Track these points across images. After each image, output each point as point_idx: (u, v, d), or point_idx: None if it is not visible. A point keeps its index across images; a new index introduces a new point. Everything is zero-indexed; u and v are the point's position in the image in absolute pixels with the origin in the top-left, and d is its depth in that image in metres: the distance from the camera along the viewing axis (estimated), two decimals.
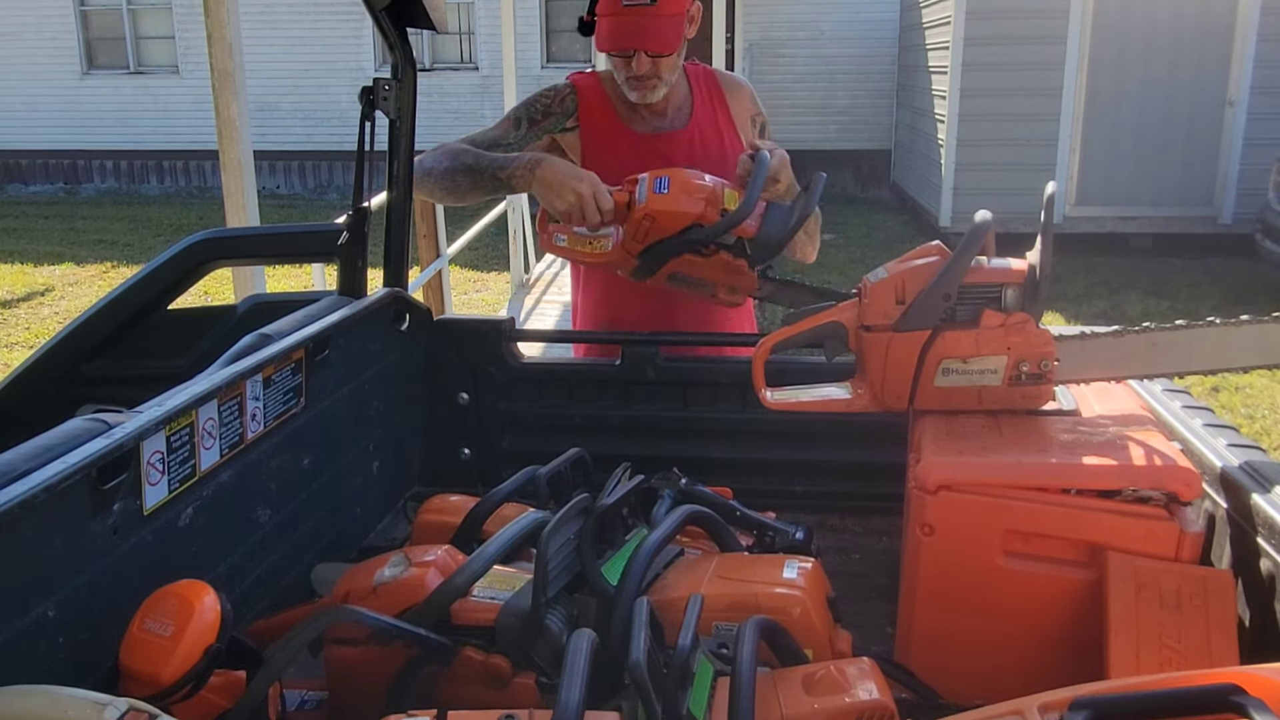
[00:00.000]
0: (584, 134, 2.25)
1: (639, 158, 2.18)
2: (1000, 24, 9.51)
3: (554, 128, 2.26)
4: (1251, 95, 9.38)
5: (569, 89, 2.27)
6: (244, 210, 3.88)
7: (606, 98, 2.27)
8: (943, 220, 9.97)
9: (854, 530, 2.11)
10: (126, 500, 1.33)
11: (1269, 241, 7.97)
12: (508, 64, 7.94)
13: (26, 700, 0.96)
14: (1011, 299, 1.55)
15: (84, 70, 14.94)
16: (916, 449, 1.54)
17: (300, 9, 14.39)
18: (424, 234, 6.20)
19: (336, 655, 1.37)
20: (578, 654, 1.03)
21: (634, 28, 2.07)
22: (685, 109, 2.29)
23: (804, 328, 1.69)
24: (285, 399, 1.75)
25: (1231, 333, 1.53)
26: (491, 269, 9.70)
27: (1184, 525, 1.37)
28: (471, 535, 1.64)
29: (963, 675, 1.44)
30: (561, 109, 2.25)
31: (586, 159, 2.24)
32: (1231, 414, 5.80)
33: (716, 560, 1.47)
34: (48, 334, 7.51)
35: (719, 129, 2.29)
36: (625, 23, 2.07)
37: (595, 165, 2.13)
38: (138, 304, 2.11)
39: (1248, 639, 1.33)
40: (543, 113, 2.25)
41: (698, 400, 2.21)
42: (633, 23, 2.07)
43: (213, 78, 3.81)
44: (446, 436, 2.31)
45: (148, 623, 1.19)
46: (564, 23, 14.61)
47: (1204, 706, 0.90)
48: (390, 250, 2.20)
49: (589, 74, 2.33)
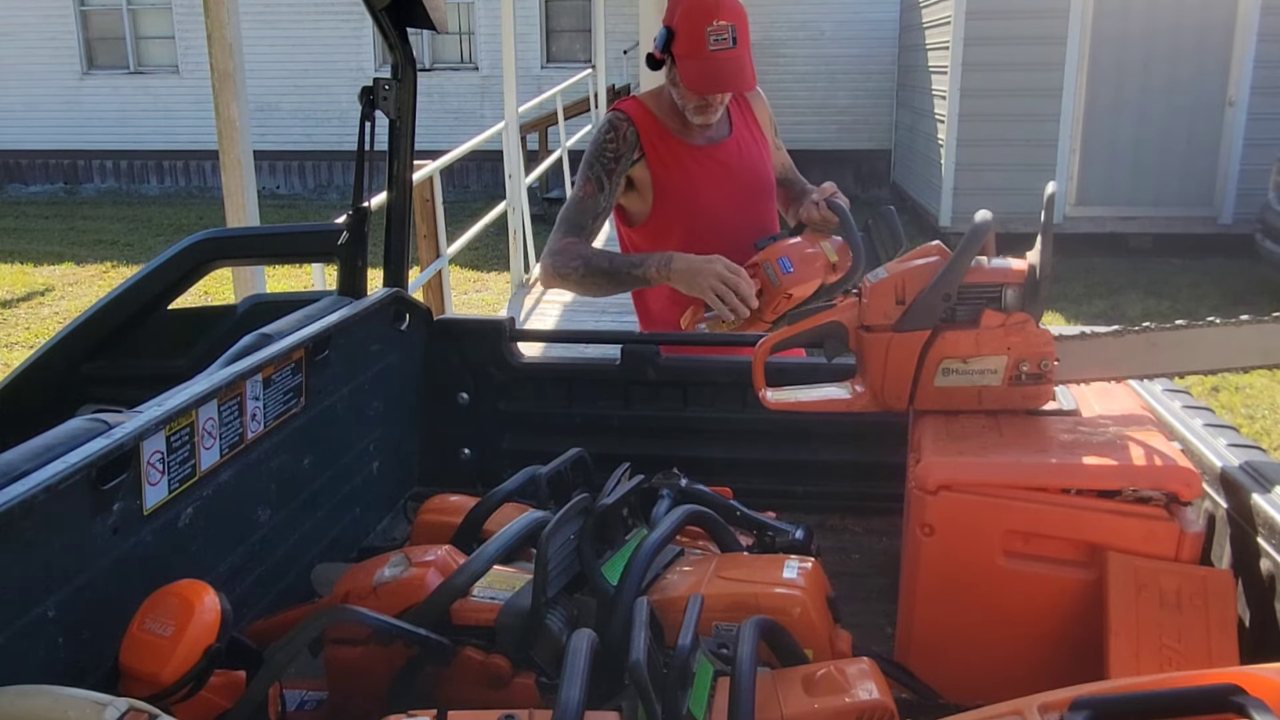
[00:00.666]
0: (651, 162, 2.36)
1: (703, 169, 2.37)
2: (1000, 24, 9.52)
3: (625, 168, 2.36)
4: (1251, 95, 9.38)
5: (627, 124, 2.35)
6: (244, 210, 3.88)
7: (657, 120, 2.38)
8: (943, 220, 9.98)
9: (854, 530, 2.11)
10: (126, 500, 1.33)
11: (1269, 241, 7.97)
12: (508, 64, 7.94)
13: (26, 700, 0.96)
14: (1011, 299, 1.55)
15: (84, 70, 14.95)
16: (916, 449, 1.54)
17: (300, 9, 14.40)
18: (424, 234, 6.20)
19: (336, 655, 1.37)
20: (578, 654, 1.03)
21: (725, 71, 2.23)
22: (724, 119, 2.43)
23: (804, 328, 1.69)
24: (285, 399, 1.75)
25: (1231, 333, 1.53)
26: (491, 269, 9.70)
27: (1184, 525, 1.37)
28: (471, 535, 1.64)
29: (963, 675, 1.44)
30: (627, 147, 2.35)
31: (657, 183, 2.36)
32: (1231, 414, 5.80)
33: (716, 560, 1.47)
34: (48, 334, 7.51)
35: (753, 134, 2.48)
36: (715, 66, 2.23)
37: (667, 186, 2.34)
38: (138, 304, 2.11)
39: (1248, 639, 1.33)
40: (614, 160, 2.35)
41: (698, 400, 2.21)
42: (722, 65, 2.23)
43: (213, 78, 3.82)
44: (446, 436, 2.31)
45: (148, 623, 1.19)
46: (564, 23, 14.62)
47: (1204, 706, 0.90)
48: (390, 250, 2.21)
49: (633, 101, 2.43)
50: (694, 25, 2.22)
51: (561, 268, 2.32)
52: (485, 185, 14.23)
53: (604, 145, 2.35)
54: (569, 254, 2.32)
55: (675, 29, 2.25)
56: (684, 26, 2.23)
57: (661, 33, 2.28)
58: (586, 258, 2.31)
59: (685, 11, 2.24)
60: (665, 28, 2.28)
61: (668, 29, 2.27)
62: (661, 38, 2.28)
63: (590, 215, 2.35)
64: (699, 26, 2.21)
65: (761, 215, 2.46)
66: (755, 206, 2.45)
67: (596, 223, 2.37)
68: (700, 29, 2.21)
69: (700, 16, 2.22)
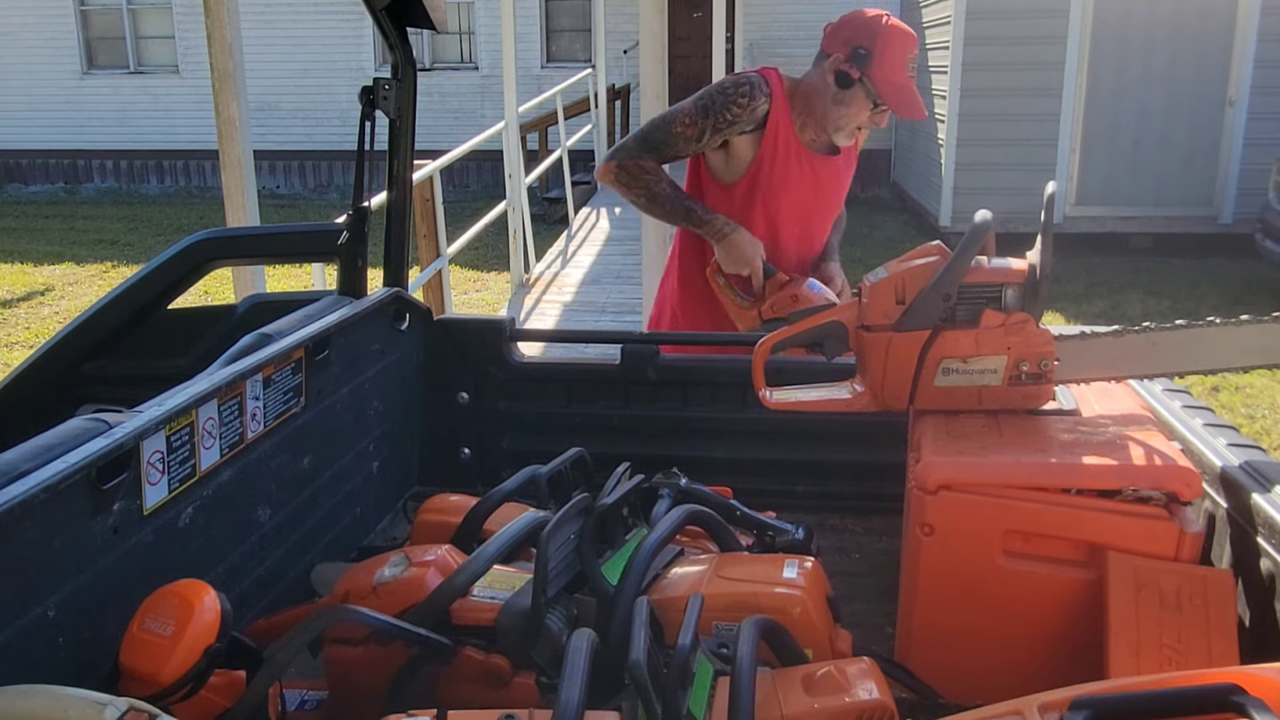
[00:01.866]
0: (764, 144, 2.34)
1: (802, 174, 2.39)
2: (1000, 24, 9.51)
3: (734, 133, 2.34)
4: (1251, 95, 9.38)
5: (765, 101, 2.32)
6: (244, 210, 3.89)
7: (789, 110, 2.36)
8: (943, 220, 9.97)
9: (854, 530, 2.11)
10: (126, 500, 1.33)
11: (1269, 241, 7.97)
12: (508, 64, 7.93)
13: (26, 700, 0.96)
14: (1011, 299, 1.55)
15: (84, 70, 14.94)
16: (916, 449, 1.54)
17: (300, 9, 14.39)
18: (424, 234, 6.20)
19: (336, 655, 1.37)
20: (578, 654, 1.03)
21: (917, 99, 2.29)
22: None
23: (804, 328, 1.69)
24: (285, 399, 1.75)
25: (1231, 333, 1.53)
26: (491, 269, 9.69)
27: (1184, 525, 1.37)
28: (471, 535, 1.64)
29: (963, 675, 1.44)
30: (750, 119, 2.32)
31: (757, 165, 2.36)
32: (1231, 414, 5.80)
33: (716, 560, 1.47)
34: (48, 334, 7.51)
35: (850, 161, 2.53)
36: (913, 94, 2.28)
37: (763, 172, 2.34)
38: (138, 304, 2.11)
39: (1248, 639, 1.33)
40: (731, 122, 2.32)
41: (698, 400, 2.21)
42: (916, 94, 2.29)
43: (213, 78, 3.82)
44: (446, 436, 2.31)
45: (148, 623, 1.19)
46: (564, 23, 14.62)
47: (1204, 706, 0.90)
48: (390, 250, 2.21)
49: (777, 78, 2.37)
50: (898, 52, 2.23)
51: (629, 184, 2.36)
52: (485, 185, 14.23)
53: (730, 102, 2.30)
54: (640, 176, 2.35)
55: (874, 52, 2.23)
56: (887, 52, 2.23)
57: (860, 52, 2.24)
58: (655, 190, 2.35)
59: (889, 36, 2.24)
60: (862, 49, 2.24)
61: (866, 50, 2.23)
62: (861, 58, 2.24)
63: (673, 151, 2.36)
64: (902, 53, 2.24)
65: (821, 232, 2.52)
66: (822, 223, 2.51)
67: (673, 158, 2.39)
68: (903, 56, 2.24)
69: (903, 45, 2.24)
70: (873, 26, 2.25)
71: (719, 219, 2.32)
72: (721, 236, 2.30)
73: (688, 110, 2.31)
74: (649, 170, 2.35)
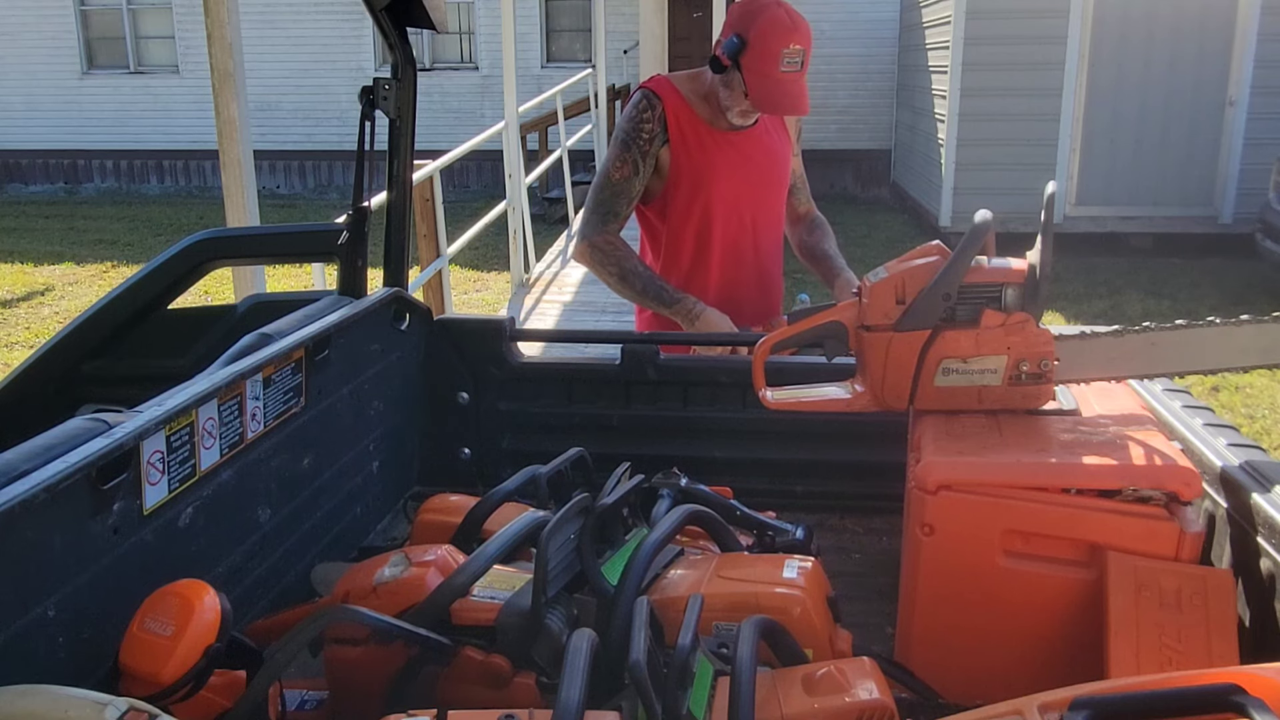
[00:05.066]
0: (674, 144, 2.37)
1: (722, 154, 2.38)
2: (1000, 24, 9.52)
3: (656, 149, 2.37)
4: (1251, 95, 9.38)
5: (659, 103, 2.35)
6: (244, 210, 3.88)
7: (686, 103, 2.37)
8: (943, 220, 9.98)
9: (854, 530, 2.11)
10: (126, 500, 1.33)
11: (1269, 241, 7.97)
12: (508, 64, 7.93)
13: (26, 700, 0.96)
14: (1011, 299, 1.55)
15: (84, 70, 14.94)
16: (916, 449, 1.54)
17: (300, 9, 14.40)
18: (424, 234, 6.20)
19: (336, 655, 1.37)
20: (578, 654, 1.03)
21: (791, 95, 2.25)
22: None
23: (804, 328, 1.69)
24: (285, 399, 1.75)
25: (1231, 333, 1.53)
26: (491, 269, 9.70)
27: (1184, 525, 1.37)
28: (471, 535, 1.64)
29: (963, 675, 1.44)
30: (660, 126, 2.35)
31: (676, 165, 2.37)
32: (1231, 414, 5.80)
33: (716, 560, 1.47)
34: (48, 334, 7.51)
35: (776, 127, 2.48)
36: (783, 89, 2.23)
37: (687, 168, 2.35)
38: (138, 304, 2.11)
39: (1248, 639, 1.33)
40: (649, 140, 2.36)
41: (698, 400, 2.21)
42: (789, 89, 2.24)
43: (213, 78, 3.82)
44: (446, 436, 2.31)
45: (148, 622, 1.19)
46: (564, 22, 14.62)
47: (1204, 706, 0.90)
48: (390, 250, 2.21)
49: (663, 81, 2.40)
50: (770, 43, 2.19)
51: (602, 263, 2.40)
52: (485, 185, 14.24)
53: (640, 125, 2.34)
54: (611, 254, 2.39)
55: (749, 41, 2.21)
56: (760, 42, 2.20)
57: (734, 40, 2.23)
58: (626, 268, 2.38)
59: (763, 27, 2.19)
60: (737, 36, 2.22)
61: (740, 38, 2.22)
62: (733, 46, 2.22)
63: (626, 199, 2.38)
64: (775, 46, 2.19)
65: (774, 206, 2.49)
66: (769, 197, 2.48)
67: (630, 206, 2.41)
68: (776, 49, 2.19)
69: (778, 36, 2.19)
70: (753, 15, 2.22)
71: (688, 299, 2.34)
72: (694, 318, 2.32)
73: (614, 155, 2.37)
74: (619, 246, 2.39)
